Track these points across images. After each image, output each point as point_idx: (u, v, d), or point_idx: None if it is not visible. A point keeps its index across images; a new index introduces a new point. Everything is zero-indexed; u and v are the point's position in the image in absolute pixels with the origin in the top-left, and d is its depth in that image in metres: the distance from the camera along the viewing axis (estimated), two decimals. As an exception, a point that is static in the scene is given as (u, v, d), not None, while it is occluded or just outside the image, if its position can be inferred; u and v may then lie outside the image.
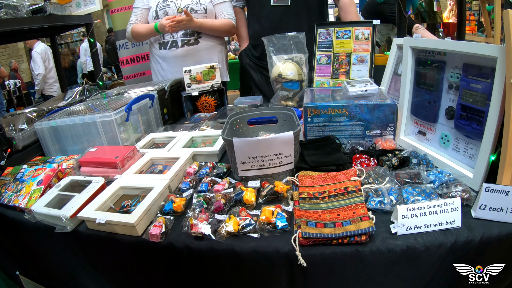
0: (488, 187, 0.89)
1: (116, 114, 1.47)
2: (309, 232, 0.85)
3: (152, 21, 2.31)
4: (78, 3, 2.83)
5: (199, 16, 2.29)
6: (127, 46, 3.29)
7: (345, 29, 1.83)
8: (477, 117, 1.06)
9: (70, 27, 2.85)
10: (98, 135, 1.50)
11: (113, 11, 3.27)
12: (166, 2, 2.27)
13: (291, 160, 1.15)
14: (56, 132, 1.55)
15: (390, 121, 1.35)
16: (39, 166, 1.38)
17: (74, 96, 2.15)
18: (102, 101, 1.80)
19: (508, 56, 0.90)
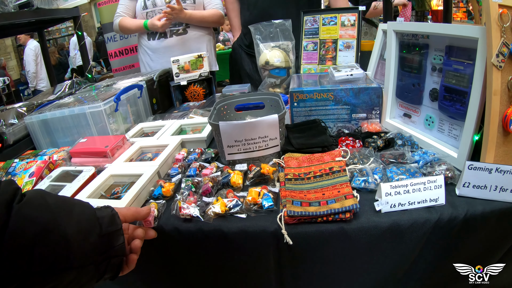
0: (471, 165, 0.91)
1: (105, 104, 1.48)
2: (294, 211, 0.87)
3: (141, 11, 2.31)
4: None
5: (188, 7, 2.30)
6: (115, 39, 3.28)
7: (331, 16, 1.84)
8: (460, 97, 1.08)
9: (57, 21, 2.84)
10: (88, 127, 1.51)
11: (100, 4, 3.26)
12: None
13: (277, 143, 1.17)
14: (47, 125, 1.55)
15: (376, 105, 1.37)
16: (31, 159, 1.38)
17: (64, 90, 2.15)
18: (91, 93, 1.80)
19: (489, 36, 0.91)
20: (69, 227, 0.65)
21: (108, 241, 0.72)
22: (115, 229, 0.74)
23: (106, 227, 0.72)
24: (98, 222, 0.72)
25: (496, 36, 0.91)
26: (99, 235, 0.70)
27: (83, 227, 0.68)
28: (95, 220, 0.71)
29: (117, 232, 0.75)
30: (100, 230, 0.71)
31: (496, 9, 0.90)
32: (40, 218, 0.63)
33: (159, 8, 2.30)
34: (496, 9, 0.90)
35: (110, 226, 0.74)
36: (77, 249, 0.65)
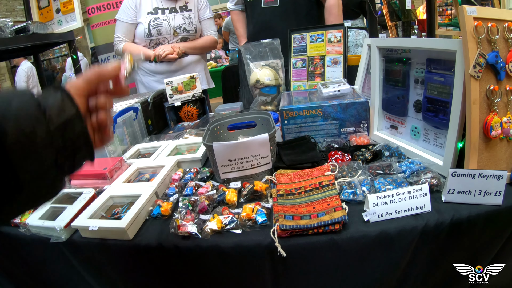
0: (454, 172, 0.96)
1: (102, 127, 1.51)
2: (287, 224, 0.92)
3: (144, 38, 2.38)
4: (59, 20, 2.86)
5: (190, 35, 2.44)
6: (109, 60, 3.33)
7: (318, 33, 1.90)
8: (442, 108, 1.13)
9: (52, 45, 2.89)
10: (86, 149, 1.53)
11: (93, 26, 3.31)
12: (158, 20, 2.34)
13: (268, 161, 1.21)
14: None
15: (363, 118, 1.42)
16: None
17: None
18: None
19: (465, 48, 0.96)
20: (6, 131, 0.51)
21: (62, 134, 0.58)
22: (68, 117, 0.59)
23: (56, 118, 0.57)
24: (44, 116, 0.56)
25: (473, 48, 0.95)
26: (47, 131, 0.56)
27: (25, 127, 0.53)
28: (39, 114, 0.56)
29: (73, 118, 0.60)
30: (47, 126, 0.56)
31: (471, 22, 0.95)
32: None
33: (163, 36, 2.38)
34: (471, 22, 0.95)
35: (61, 115, 0.58)
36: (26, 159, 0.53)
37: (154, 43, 2.42)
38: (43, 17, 2.93)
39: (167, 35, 2.39)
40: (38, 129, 0.54)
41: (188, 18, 2.43)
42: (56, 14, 2.88)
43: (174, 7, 2.41)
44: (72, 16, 2.81)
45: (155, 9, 2.37)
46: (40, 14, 2.94)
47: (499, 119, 0.99)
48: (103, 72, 0.69)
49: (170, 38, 2.41)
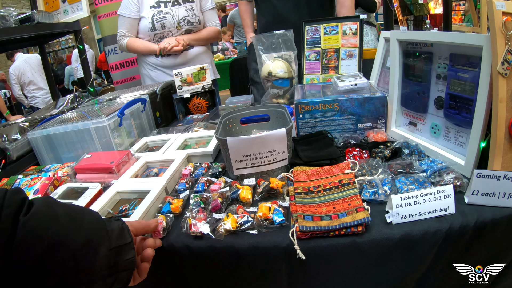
0: (479, 173, 0.91)
1: (109, 119, 1.48)
2: (306, 226, 0.87)
3: (148, 32, 2.36)
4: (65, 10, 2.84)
5: (194, 27, 2.42)
6: (116, 52, 3.29)
7: (333, 25, 1.85)
8: (466, 105, 1.09)
9: (58, 35, 2.87)
10: (92, 142, 1.51)
11: (100, 17, 3.27)
12: (162, 13, 2.31)
13: (285, 157, 1.17)
14: (50, 140, 1.55)
15: (381, 114, 1.38)
16: (35, 175, 1.38)
17: (66, 104, 2.15)
18: (94, 107, 1.81)
19: (494, 44, 0.92)
20: (77, 240, 0.64)
21: (117, 255, 0.71)
22: (124, 243, 0.73)
23: (115, 241, 0.71)
24: (108, 235, 0.70)
25: (501, 44, 0.92)
26: (108, 248, 0.69)
27: (92, 240, 0.66)
28: (104, 233, 0.70)
29: (127, 246, 0.74)
30: (109, 244, 0.69)
31: (500, 17, 0.91)
32: (48, 231, 0.61)
33: (167, 30, 2.36)
34: (500, 17, 0.91)
35: (120, 239, 0.72)
36: (86, 264, 0.64)
37: (158, 37, 2.40)
38: (48, 6, 2.92)
39: (171, 28, 2.37)
40: (102, 243, 0.68)
41: (191, 10, 2.40)
42: (62, 4, 2.86)
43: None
44: (78, 6, 2.78)
45: (158, 2, 2.35)
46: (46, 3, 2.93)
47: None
48: (148, 227, 0.90)
49: (174, 31, 2.39)
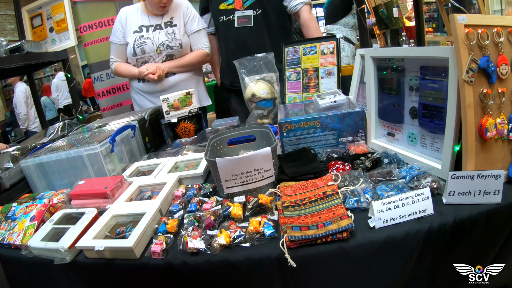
0: (453, 174, 0.99)
1: (101, 146, 1.52)
2: (295, 235, 0.93)
3: (131, 57, 2.40)
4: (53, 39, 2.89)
5: (175, 52, 2.40)
6: (102, 79, 3.32)
7: (311, 45, 1.93)
8: (438, 113, 1.17)
9: (46, 64, 2.91)
10: (85, 168, 1.55)
11: (86, 45, 3.30)
12: (142, 39, 2.35)
13: (271, 174, 1.23)
14: (43, 168, 1.58)
15: (360, 127, 1.45)
16: (29, 202, 1.41)
17: (56, 132, 2.19)
18: (84, 134, 1.85)
19: (458, 55, 1.01)
20: None
21: None
22: None
23: None
24: None
25: (465, 54, 1.00)
26: None
27: None
28: None
29: None
30: None
31: (462, 29, 1.00)
32: None
33: (147, 54, 2.38)
34: (462, 29, 1.00)
35: None
36: None
37: (140, 62, 2.43)
38: (36, 36, 2.96)
39: (151, 53, 2.38)
40: None
41: (171, 34, 2.40)
42: (49, 33, 2.91)
43: (159, 23, 2.40)
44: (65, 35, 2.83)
45: (140, 27, 2.38)
46: (34, 33, 2.97)
47: (493, 120, 1.04)
48: None
49: (154, 55, 2.40)
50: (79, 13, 3.18)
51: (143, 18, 2.39)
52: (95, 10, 3.20)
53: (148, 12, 2.40)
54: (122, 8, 2.46)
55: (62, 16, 2.85)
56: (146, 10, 2.41)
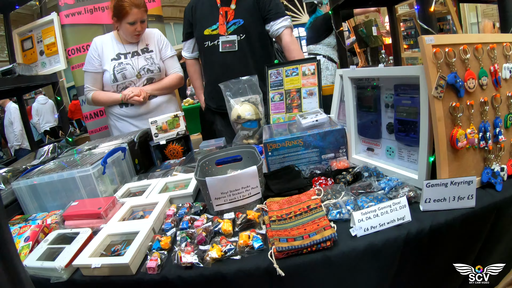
0: (428, 183, 1.07)
1: (93, 168, 1.57)
2: (282, 246, 0.99)
3: (111, 84, 2.46)
4: (43, 62, 2.92)
5: (155, 75, 2.52)
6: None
7: (293, 67, 2.02)
8: (412, 127, 1.26)
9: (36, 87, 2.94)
10: (77, 190, 1.58)
11: (74, 67, 3.35)
12: (122, 65, 2.43)
13: (258, 191, 1.30)
14: (35, 190, 1.61)
15: (341, 144, 1.52)
16: (22, 224, 1.43)
17: (46, 154, 2.22)
18: (73, 157, 1.88)
19: (427, 73, 1.10)
20: None
21: None
22: None
23: None
24: None
25: (433, 72, 1.09)
26: None
27: None
28: None
29: None
30: None
31: (430, 50, 1.10)
32: None
33: (129, 80, 2.46)
34: (431, 49, 1.10)
35: None
36: None
37: (121, 88, 2.49)
38: (27, 58, 2.98)
39: (132, 78, 2.46)
40: None
41: (150, 59, 2.51)
42: (40, 56, 2.94)
43: (136, 50, 2.50)
44: (56, 58, 2.86)
45: (118, 54, 2.46)
46: (24, 55, 2.99)
47: (463, 131, 1.12)
48: None
49: (135, 80, 2.48)
50: (68, 35, 3.27)
51: (119, 47, 2.49)
52: (84, 33, 3.28)
53: (122, 41, 2.50)
54: (95, 37, 2.54)
55: (53, 39, 2.88)
56: (120, 39, 2.50)
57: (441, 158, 1.13)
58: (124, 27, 2.40)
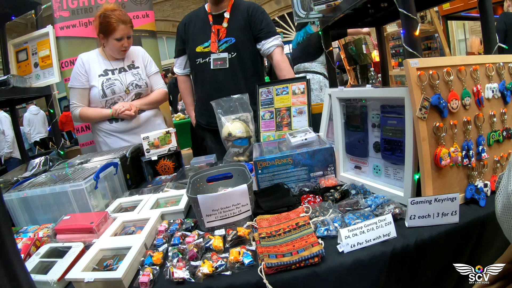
0: (412, 200, 1.12)
1: (86, 182, 1.59)
2: (272, 262, 1.02)
3: (99, 99, 2.49)
4: (37, 75, 2.93)
5: (143, 90, 2.57)
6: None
7: (283, 86, 2.08)
8: (398, 146, 1.31)
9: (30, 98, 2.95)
10: (69, 204, 1.59)
11: (67, 80, 3.36)
12: (110, 80, 2.47)
13: (248, 208, 1.33)
14: (26, 202, 1.62)
15: (330, 162, 1.55)
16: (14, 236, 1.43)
17: (38, 167, 2.22)
18: (65, 171, 1.90)
19: (412, 95, 1.15)
20: None
21: None
22: None
23: None
24: None
25: (417, 94, 1.15)
26: None
27: None
28: None
29: None
30: None
31: (414, 72, 1.15)
32: None
33: (117, 95, 2.49)
34: (415, 72, 1.15)
35: None
36: None
37: (110, 103, 2.52)
38: (21, 70, 3.00)
39: (121, 93, 2.50)
40: None
41: (137, 74, 2.56)
42: (34, 68, 2.96)
43: (122, 66, 2.55)
44: (50, 71, 2.88)
45: (105, 71, 2.50)
46: (19, 67, 3.00)
47: (447, 150, 1.17)
48: None
49: (123, 95, 2.52)
50: (61, 48, 3.27)
51: (105, 63, 2.53)
52: (78, 46, 3.29)
53: (108, 57, 2.54)
54: (80, 54, 2.57)
55: (47, 52, 2.91)
56: (106, 56, 2.54)
57: (426, 176, 1.17)
58: (111, 43, 2.44)
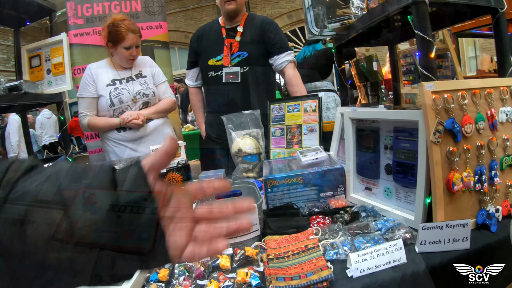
0: (424, 226, 1.10)
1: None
2: (280, 286, 1.01)
3: (107, 108, 2.49)
4: (49, 81, 2.94)
5: (150, 99, 2.56)
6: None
7: (295, 103, 2.07)
8: (410, 170, 1.29)
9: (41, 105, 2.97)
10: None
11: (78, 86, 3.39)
12: (118, 89, 2.47)
13: (257, 228, 1.31)
14: None
15: (340, 182, 1.54)
16: None
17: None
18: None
19: (426, 118, 1.14)
20: None
21: None
22: None
23: None
24: None
25: (432, 118, 1.13)
26: None
27: None
28: None
29: None
30: None
31: (430, 96, 1.14)
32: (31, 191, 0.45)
33: (125, 104, 2.50)
34: (430, 96, 1.14)
35: None
36: None
37: (118, 112, 2.52)
38: (33, 76, 3.00)
39: (128, 102, 2.49)
40: None
41: (144, 83, 2.56)
42: (46, 75, 2.96)
43: (130, 76, 2.54)
44: (62, 78, 2.88)
45: (113, 80, 2.50)
46: (31, 72, 3.01)
47: (460, 175, 1.15)
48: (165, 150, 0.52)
49: (131, 104, 2.52)
50: (74, 55, 3.32)
51: (113, 73, 2.53)
52: (91, 53, 3.33)
53: (116, 67, 2.55)
54: (89, 64, 2.58)
55: (60, 60, 2.91)
56: (114, 66, 2.55)
57: (437, 201, 1.15)
58: (119, 52, 2.45)
